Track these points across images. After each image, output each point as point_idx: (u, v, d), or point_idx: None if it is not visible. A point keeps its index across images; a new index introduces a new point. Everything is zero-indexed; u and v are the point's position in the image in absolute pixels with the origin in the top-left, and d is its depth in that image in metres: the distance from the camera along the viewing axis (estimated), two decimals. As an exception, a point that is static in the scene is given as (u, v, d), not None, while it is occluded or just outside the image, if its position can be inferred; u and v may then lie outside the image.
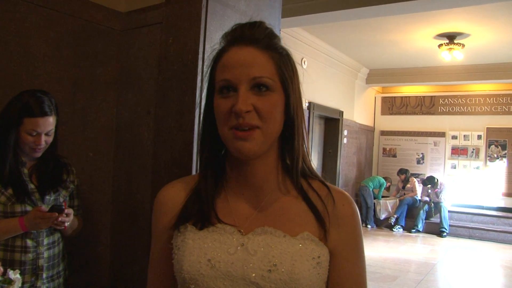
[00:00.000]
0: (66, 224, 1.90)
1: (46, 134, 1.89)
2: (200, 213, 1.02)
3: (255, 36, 0.99)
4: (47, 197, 1.93)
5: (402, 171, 9.94)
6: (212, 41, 1.86)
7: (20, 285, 1.57)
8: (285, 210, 1.02)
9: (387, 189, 10.12)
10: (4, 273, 1.50)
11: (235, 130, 0.95)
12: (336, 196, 1.04)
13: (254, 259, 0.95)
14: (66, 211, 1.88)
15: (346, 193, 1.06)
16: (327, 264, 1.00)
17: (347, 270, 1.01)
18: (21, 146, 1.87)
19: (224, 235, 0.99)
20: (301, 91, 1.07)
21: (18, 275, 1.54)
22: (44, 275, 1.91)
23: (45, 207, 1.87)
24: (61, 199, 1.99)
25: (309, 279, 0.94)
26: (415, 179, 9.80)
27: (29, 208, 1.86)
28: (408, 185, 9.75)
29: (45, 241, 1.93)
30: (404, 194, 9.70)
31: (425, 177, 9.82)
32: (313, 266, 0.96)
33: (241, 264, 0.95)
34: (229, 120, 0.95)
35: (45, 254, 1.92)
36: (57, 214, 1.81)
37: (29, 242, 1.87)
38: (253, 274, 0.94)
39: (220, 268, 0.95)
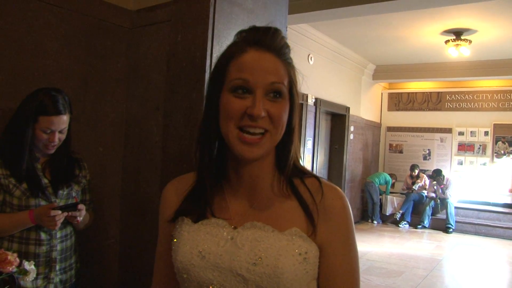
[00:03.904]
0: (79, 218, 1.95)
1: (60, 132, 1.93)
2: (196, 207, 1.07)
3: (275, 43, 1.01)
4: (60, 191, 1.98)
5: (414, 167, 9.91)
6: (220, 38, 1.89)
7: (34, 276, 1.62)
8: (277, 207, 1.04)
9: (392, 185, 10.13)
10: (20, 264, 1.55)
11: (241, 133, 0.97)
12: (326, 189, 1.05)
13: (241, 252, 0.98)
14: (78, 207, 1.93)
15: (337, 188, 1.07)
16: (316, 261, 1.01)
17: (337, 264, 1.02)
18: (35, 142, 1.91)
19: (216, 228, 1.03)
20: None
21: (33, 266, 1.59)
22: (57, 267, 1.96)
23: (58, 202, 1.93)
24: (74, 194, 2.04)
25: (294, 274, 0.96)
26: (424, 175, 9.81)
27: (43, 202, 1.90)
28: (419, 181, 9.69)
29: (58, 234, 1.97)
30: (412, 191, 9.66)
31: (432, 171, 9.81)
32: (299, 261, 0.97)
33: (229, 256, 0.98)
34: (240, 120, 0.97)
35: (58, 247, 1.97)
36: (60, 212, 1.85)
37: (43, 235, 1.92)
38: (239, 267, 0.97)
39: (209, 260, 0.99)
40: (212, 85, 1.04)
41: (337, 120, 8.86)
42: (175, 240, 1.07)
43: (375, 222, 9.70)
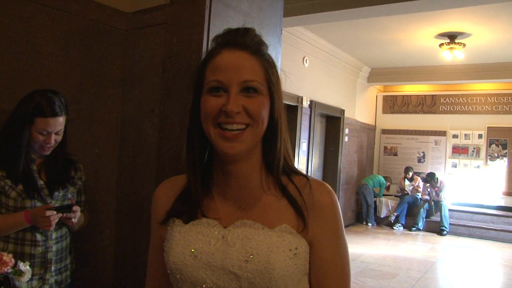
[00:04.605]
0: (73, 220, 1.95)
1: (56, 133, 1.94)
2: (187, 208, 1.09)
3: (246, 42, 1.03)
4: (56, 193, 1.99)
5: (408, 170, 9.96)
6: (215, 41, 1.90)
7: (30, 276, 1.63)
8: (266, 205, 1.06)
9: (387, 188, 10.17)
10: (15, 265, 1.56)
11: (221, 130, 0.99)
12: (314, 185, 1.06)
13: (232, 250, 1.00)
14: (73, 208, 1.94)
15: (325, 183, 1.09)
16: (307, 256, 1.03)
17: (328, 258, 1.04)
18: (31, 144, 1.92)
19: (207, 228, 1.05)
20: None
21: (28, 267, 1.60)
22: (53, 268, 1.97)
23: (53, 204, 1.93)
24: (69, 195, 2.05)
25: (285, 270, 0.98)
26: (418, 177, 9.85)
27: (38, 203, 1.91)
28: (414, 183, 9.73)
29: (54, 235, 1.98)
30: (407, 193, 9.69)
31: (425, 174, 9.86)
32: (290, 257, 0.99)
33: (221, 255, 1.00)
34: (217, 118, 1.00)
35: (54, 248, 1.97)
36: (55, 212, 1.86)
37: (39, 236, 1.92)
38: (232, 264, 0.99)
39: (202, 259, 1.01)
40: (193, 89, 1.07)
41: (332, 122, 8.88)
42: (167, 241, 1.08)
43: (369, 224, 9.72)
